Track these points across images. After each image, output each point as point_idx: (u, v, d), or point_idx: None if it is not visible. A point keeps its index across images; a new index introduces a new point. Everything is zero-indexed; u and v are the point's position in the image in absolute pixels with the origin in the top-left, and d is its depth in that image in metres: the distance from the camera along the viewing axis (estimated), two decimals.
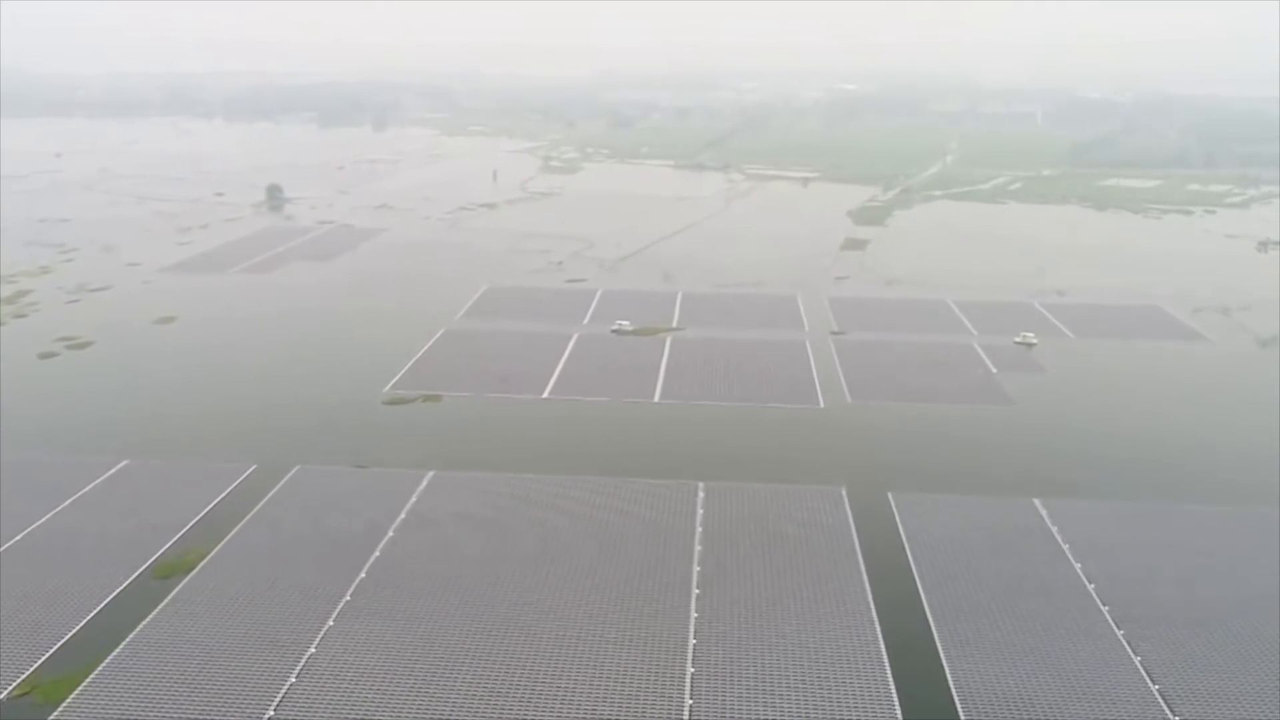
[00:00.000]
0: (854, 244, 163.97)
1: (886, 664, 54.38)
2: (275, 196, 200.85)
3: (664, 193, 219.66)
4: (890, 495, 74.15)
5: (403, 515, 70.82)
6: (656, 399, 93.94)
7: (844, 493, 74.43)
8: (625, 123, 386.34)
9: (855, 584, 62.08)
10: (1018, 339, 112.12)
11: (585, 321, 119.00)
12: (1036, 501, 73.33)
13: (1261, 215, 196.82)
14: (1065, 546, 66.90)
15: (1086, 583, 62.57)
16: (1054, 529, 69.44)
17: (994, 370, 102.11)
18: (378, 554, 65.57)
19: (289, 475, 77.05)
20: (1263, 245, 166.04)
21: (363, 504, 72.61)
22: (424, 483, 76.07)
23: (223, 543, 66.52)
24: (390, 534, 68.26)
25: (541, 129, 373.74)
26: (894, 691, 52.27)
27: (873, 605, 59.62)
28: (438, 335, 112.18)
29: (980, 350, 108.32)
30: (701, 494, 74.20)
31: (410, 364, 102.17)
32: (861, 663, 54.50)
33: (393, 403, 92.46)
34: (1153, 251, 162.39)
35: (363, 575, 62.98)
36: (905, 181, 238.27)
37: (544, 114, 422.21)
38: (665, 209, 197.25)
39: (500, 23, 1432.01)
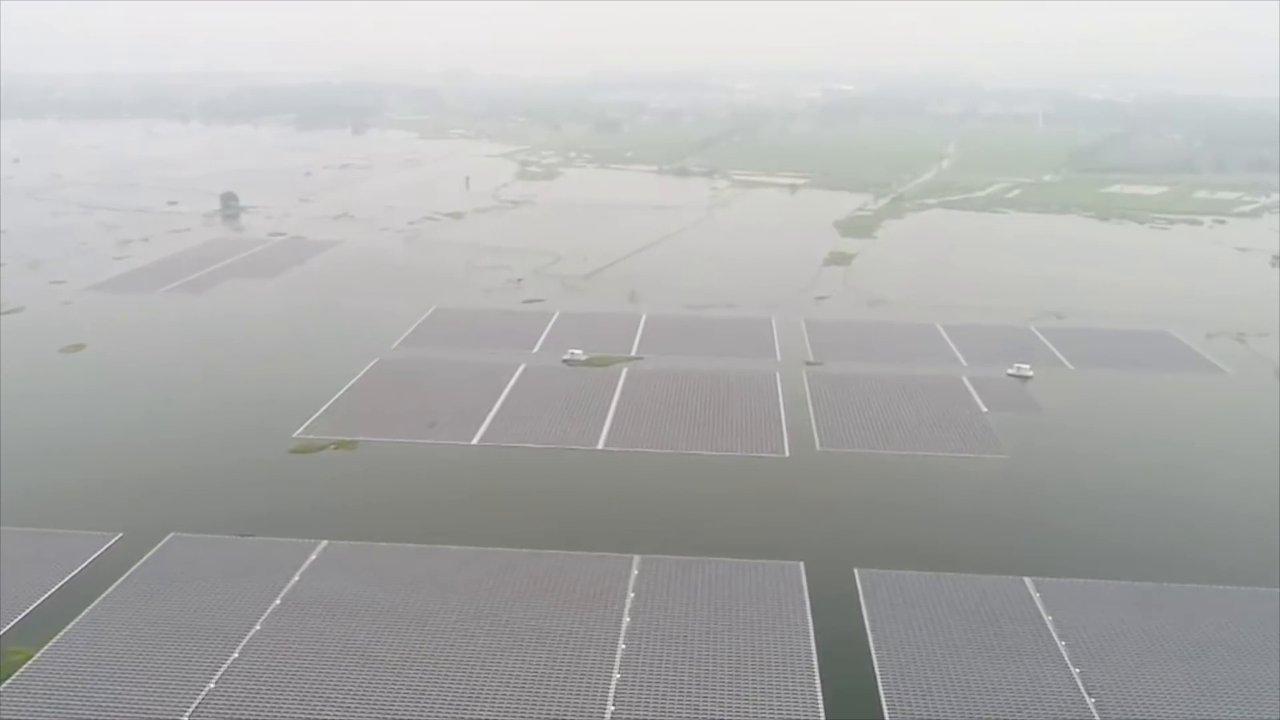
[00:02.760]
0: (839, 258, 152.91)
1: None
2: (229, 205, 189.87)
3: (643, 201, 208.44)
4: (856, 572, 63.24)
5: (278, 601, 59.84)
6: (600, 445, 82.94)
7: (802, 569, 63.49)
8: (612, 125, 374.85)
9: (805, 696, 51.10)
10: (1011, 370, 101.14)
11: (535, 349, 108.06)
12: (1028, 581, 62.33)
13: (1273, 225, 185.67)
14: (1061, 644, 55.87)
15: (1086, 696, 51.58)
16: (1048, 619, 58.43)
17: (984, 409, 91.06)
18: (236, 655, 54.56)
19: (158, 546, 66.12)
20: (1277, 260, 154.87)
21: (235, 584, 61.69)
22: (313, 555, 65.16)
23: (52, 641, 55.41)
24: (258, 626, 57.29)
25: (525, 132, 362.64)
26: None
27: None
28: (369, 366, 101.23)
29: (969, 385, 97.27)
30: (635, 571, 63.24)
31: (331, 401, 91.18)
32: None
33: (301, 450, 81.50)
34: (1160, 267, 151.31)
35: (211, 685, 51.99)
36: (898, 188, 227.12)
37: (530, 116, 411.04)
38: (641, 219, 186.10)
39: (499, 23, 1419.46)
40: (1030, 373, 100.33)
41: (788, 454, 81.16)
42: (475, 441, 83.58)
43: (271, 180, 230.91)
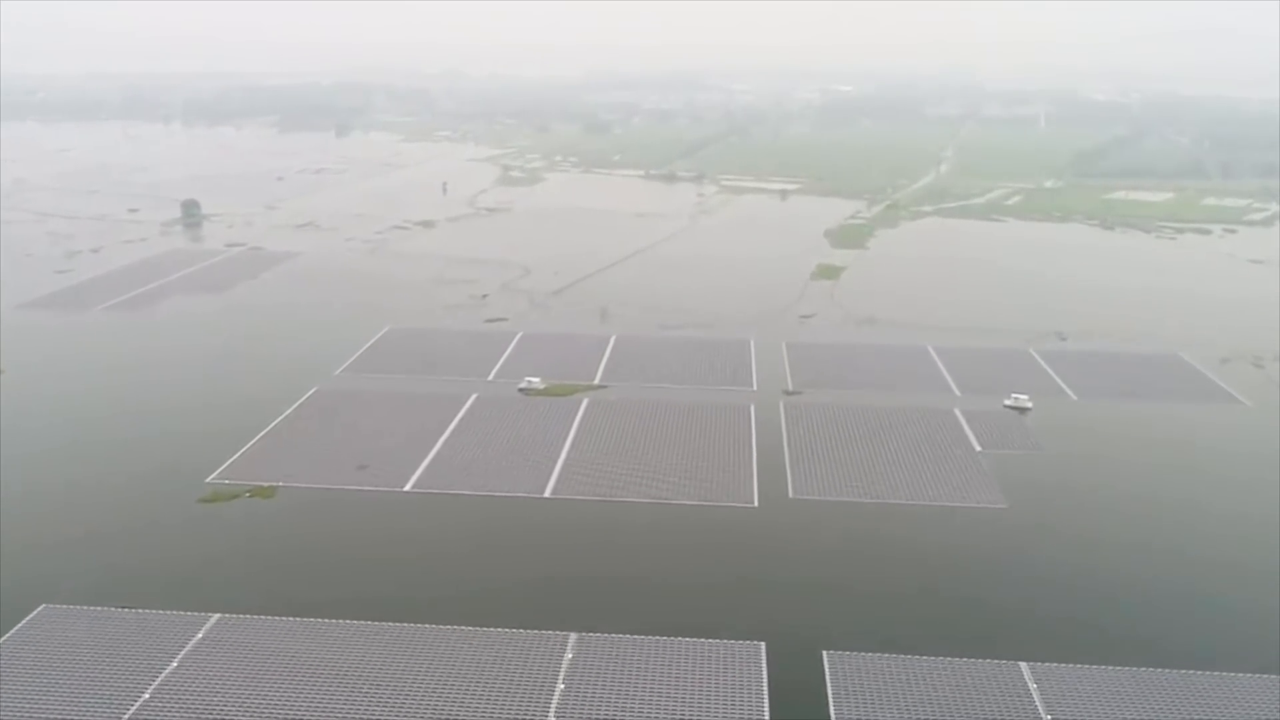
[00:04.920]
0: (827, 272, 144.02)
1: None
2: (191, 213, 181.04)
3: (625, 208, 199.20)
4: (825, 655, 54.55)
5: (146, 695, 51.16)
6: (548, 493, 74.17)
7: (763, 651, 54.84)
8: (602, 127, 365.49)
9: None
10: (1009, 402, 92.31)
11: (491, 376, 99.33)
12: (1024, 667, 53.66)
13: None
14: None
15: None
16: (1047, 718, 49.73)
17: (978, 448, 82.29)
18: None
19: (25, 621, 57.48)
20: None
21: (103, 671, 53.00)
22: (200, 633, 56.46)
23: None
24: None
25: (512, 134, 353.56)
26: None
27: None
28: (305, 397, 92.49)
29: (962, 418, 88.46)
30: (569, 655, 54.55)
31: (255, 439, 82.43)
32: None
33: (211, 499, 72.80)
34: (1168, 281, 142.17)
35: None
36: (893, 194, 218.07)
37: (519, 117, 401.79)
38: (622, 228, 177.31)
39: (505, 22, 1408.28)
40: (1029, 404, 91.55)
41: (756, 504, 72.39)
42: (408, 488, 74.86)
43: (241, 185, 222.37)
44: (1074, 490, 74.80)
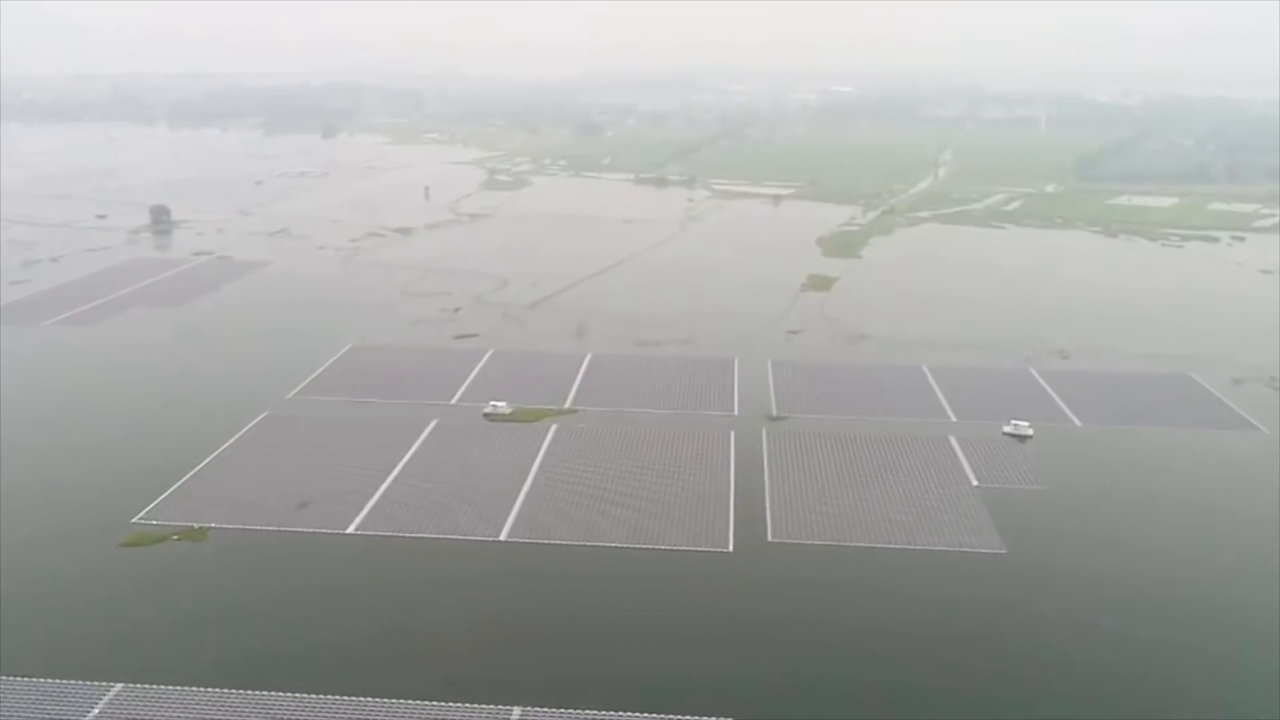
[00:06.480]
0: (818, 283, 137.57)
1: None
2: (160, 220, 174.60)
3: (612, 214, 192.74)
4: None
5: None
6: (503, 536, 67.81)
7: None
8: (594, 129, 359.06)
9: None
10: (1008, 429, 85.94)
11: (455, 400, 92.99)
12: None
13: None
14: None
15: None
16: None
17: (975, 482, 75.95)
18: None
19: None
20: None
21: None
22: (98, 708, 50.12)
23: None
24: None
25: (502, 136, 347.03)
26: None
27: None
28: (252, 423, 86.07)
29: (958, 447, 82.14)
30: None
31: (192, 472, 75.99)
32: None
33: (135, 542, 66.38)
34: (1175, 293, 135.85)
35: None
36: (889, 199, 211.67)
37: (510, 119, 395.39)
38: (607, 235, 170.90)
39: (499, 22, 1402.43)
40: (1029, 431, 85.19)
41: (731, 548, 66.02)
42: (351, 529, 68.44)
43: (217, 190, 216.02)
44: (1077, 532, 68.37)
